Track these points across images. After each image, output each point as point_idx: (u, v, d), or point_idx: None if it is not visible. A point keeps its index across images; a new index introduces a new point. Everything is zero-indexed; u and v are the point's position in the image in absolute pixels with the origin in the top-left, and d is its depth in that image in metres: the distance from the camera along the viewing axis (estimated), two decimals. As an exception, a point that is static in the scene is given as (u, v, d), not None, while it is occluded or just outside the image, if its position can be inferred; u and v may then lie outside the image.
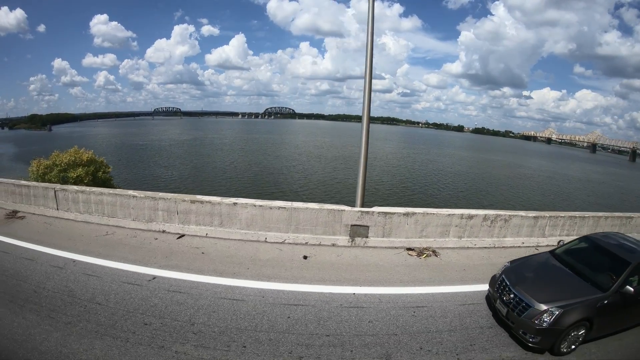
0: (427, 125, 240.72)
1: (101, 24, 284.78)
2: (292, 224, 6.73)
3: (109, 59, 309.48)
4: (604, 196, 39.45)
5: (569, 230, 7.96)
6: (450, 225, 7.04)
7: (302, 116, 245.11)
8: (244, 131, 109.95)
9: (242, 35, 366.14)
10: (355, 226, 6.78)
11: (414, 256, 6.66)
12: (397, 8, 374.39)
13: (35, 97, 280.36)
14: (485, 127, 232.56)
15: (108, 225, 7.32)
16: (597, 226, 8.34)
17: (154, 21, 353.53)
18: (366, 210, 6.77)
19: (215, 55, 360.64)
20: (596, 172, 65.37)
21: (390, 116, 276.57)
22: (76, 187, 7.89)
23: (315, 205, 6.81)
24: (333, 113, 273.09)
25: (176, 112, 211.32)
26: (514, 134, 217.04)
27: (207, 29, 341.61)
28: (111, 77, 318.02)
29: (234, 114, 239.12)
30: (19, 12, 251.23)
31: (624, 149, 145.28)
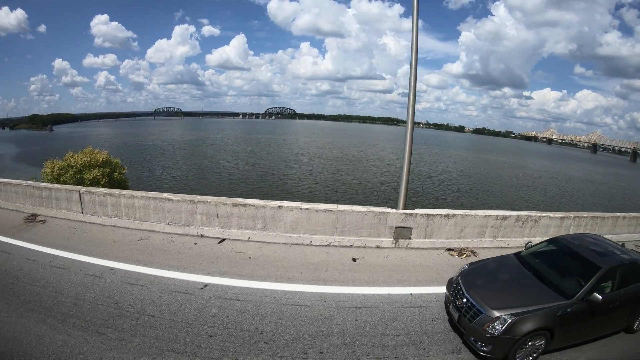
0: (428, 125, 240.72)
1: (102, 24, 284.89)
2: (337, 226, 6.77)
3: (109, 59, 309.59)
4: (606, 197, 39.52)
5: (590, 229, 8.22)
6: (486, 226, 7.25)
7: (302, 116, 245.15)
8: (245, 131, 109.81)
9: (243, 35, 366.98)
10: (399, 228, 6.89)
11: (455, 256, 6.81)
12: (398, 8, 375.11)
13: (35, 98, 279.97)
14: (486, 128, 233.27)
15: (140, 229, 7.12)
16: (616, 226, 8.73)
17: (154, 21, 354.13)
18: (410, 212, 6.90)
19: (216, 56, 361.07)
20: (598, 173, 65.50)
21: (390, 117, 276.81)
22: (104, 190, 7.61)
23: (361, 208, 6.87)
24: (334, 113, 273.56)
25: (177, 113, 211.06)
26: (514, 134, 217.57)
27: (208, 29, 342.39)
28: (112, 78, 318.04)
29: (234, 114, 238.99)
30: (19, 12, 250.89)
31: (624, 149, 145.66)
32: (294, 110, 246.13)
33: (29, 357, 3.66)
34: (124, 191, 7.51)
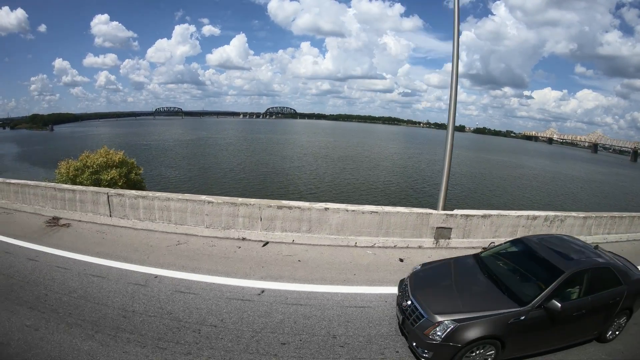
0: (429, 125, 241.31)
1: (102, 24, 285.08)
2: (382, 227, 6.78)
3: (109, 59, 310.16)
4: (608, 197, 39.67)
5: (609, 228, 8.44)
6: (518, 226, 7.37)
7: (303, 116, 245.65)
8: (246, 131, 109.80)
9: (243, 35, 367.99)
10: (440, 228, 6.94)
11: None
12: (398, 8, 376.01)
13: (36, 97, 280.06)
14: (487, 127, 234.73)
15: (176, 233, 6.85)
16: (632, 225, 8.95)
17: (155, 21, 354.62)
18: (450, 213, 6.98)
19: (216, 55, 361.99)
20: (599, 173, 65.65)
21: (391, 116, 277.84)
22: (135, 192, 7.39)
23: (405, 210, 6.93)
24: (334, 113, 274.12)
25: (177, 112, 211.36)
26: (515, 133, 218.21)
27: (208, 28, 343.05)
28: (112, 77, 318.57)
29: (235, 113, 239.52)
30: (19, 12, 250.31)
31: (625, 149, 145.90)
32: (294, 110, 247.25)
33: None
34: (158, 193, 7.23)
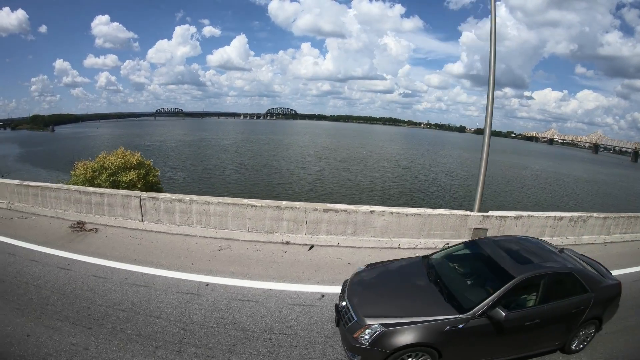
0: (429, 126, 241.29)
1: (102, 25, 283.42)
2: (424, 229, 6.95)
3: (110, 59, 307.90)
4: (611, 197, 39.80)
5: (626, 228, 8.65)
6: (546, 226, 7.67)
7: (304, 117, 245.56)
8: (248, 132, 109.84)
9: (244, 35, 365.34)
10: (476, 229, 7.17)
11: None
12: (399, 8, 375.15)
13: (36, 98, 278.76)
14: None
15: (215, 238, 6.71)
16: None
17: (155, 22, 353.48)
18: (486, 215, 7.25)
19: (217, 56, 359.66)
20: (601, 173, 65.66)
21: (391, 117, 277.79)
22: (170, 195, 7.18)
23: (445, 212, 7.11)
24: (335, 114, 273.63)
25: (178, 113, 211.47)
26: (515, 134, 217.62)
27: (209, 29, 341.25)
28: (113, 78, 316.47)
29: (235, 114, 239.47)
30: (20, 13, 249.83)
31: (625, 149, 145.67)
32: (295, 111, 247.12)
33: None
34: (196, 197, 7.09)
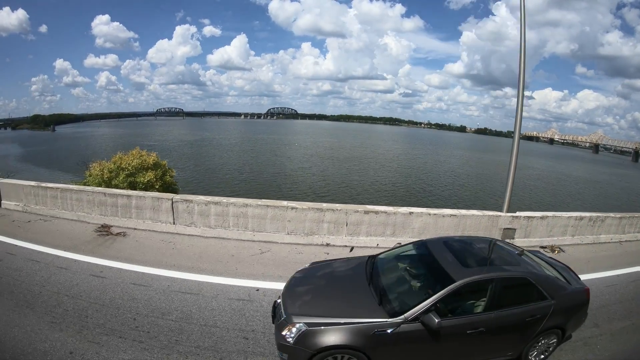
0: (430, 125, 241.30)
1: (103, 25, 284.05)
2: (459, 229, 7.11)
3: (110, 59, 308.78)
4: (612, 197, 39.93)
5: (637, 227, 8.80)
6: (568, 226, 7.88)
7: (304, 117, 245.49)
8: (249, 132, 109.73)
9: (244, 35, 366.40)
10: (506, 229, 7.38)
11: (549, 253, 7.18)
12: (399, 8, 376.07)
13: (37, 98, 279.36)
14: (488, 128, 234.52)
15: (253, 241, 6.58)
16: None
17: (155, 22, 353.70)
18: (515, 215, 7.45)
19: (217, 56, 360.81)
20: (601, 173, 65.80)
21: (392, 117, 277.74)
22: (205, 198, 6.96)
23: (478, 212, 7.34)
24: (335, 113, 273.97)
25: (178, 113, 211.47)
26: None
27: (209, 29, 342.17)
28: (113, 78, 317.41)
29: (236, 114, 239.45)
30: (20, 13, 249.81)
31: (626, 149, 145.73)
32: (295, 111, 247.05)
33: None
34: (233, 199, 6.95)
